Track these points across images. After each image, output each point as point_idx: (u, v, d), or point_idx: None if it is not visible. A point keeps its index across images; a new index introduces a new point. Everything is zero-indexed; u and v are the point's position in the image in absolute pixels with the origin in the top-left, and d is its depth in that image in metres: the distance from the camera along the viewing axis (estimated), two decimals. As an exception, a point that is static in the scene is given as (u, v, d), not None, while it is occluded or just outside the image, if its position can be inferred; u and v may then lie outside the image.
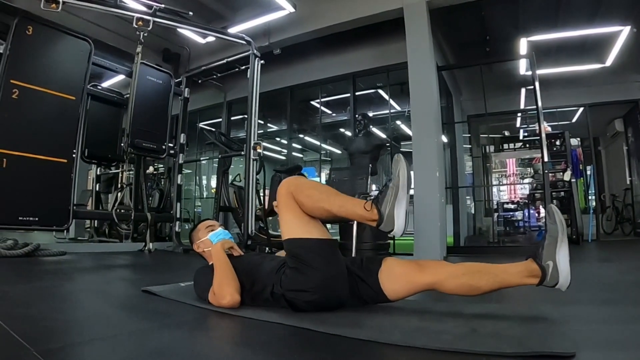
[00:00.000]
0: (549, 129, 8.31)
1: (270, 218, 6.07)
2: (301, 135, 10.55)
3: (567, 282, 1.48)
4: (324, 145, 10.75)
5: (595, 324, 1.58)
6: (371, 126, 5.95)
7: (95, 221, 7.37)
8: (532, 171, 9.18)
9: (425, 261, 1.74)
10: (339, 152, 12.07)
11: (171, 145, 6.00)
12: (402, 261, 1.78)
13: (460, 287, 1.61)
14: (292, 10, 6.06)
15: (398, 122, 9.39)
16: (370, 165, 4.92)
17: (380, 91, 8.35)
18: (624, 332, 1.43)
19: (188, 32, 6.87)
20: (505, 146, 9.36)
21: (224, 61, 6.08)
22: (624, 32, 6.51)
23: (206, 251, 2.14)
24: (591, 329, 1.49)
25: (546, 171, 5.59)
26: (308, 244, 1.69)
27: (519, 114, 9.62)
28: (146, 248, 5.43)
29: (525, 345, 1.23)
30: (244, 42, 5.50)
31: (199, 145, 10.15)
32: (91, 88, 5.50)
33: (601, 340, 1.35)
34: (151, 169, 8.05)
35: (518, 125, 10.15)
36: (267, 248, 5.13)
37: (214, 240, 2.12)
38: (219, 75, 6.63)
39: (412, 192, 5.36)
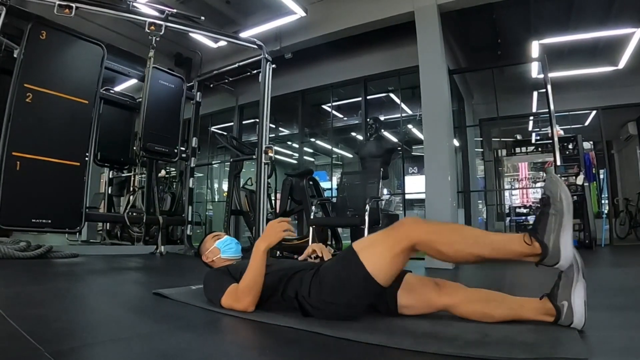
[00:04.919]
0: (562, 132, 8.22)
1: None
2: (312, 139, 10.57)
3: (581, 323, 1.46)
4: (335, 149, 10.74)
5: (608, 329, 1.55)
6: (382, 130, 5.94)
7: (108, 224, 7.44)
8: (544, 175, 9.07)
9: (443, 281, 1.72)
10: (350, 156, 12.02)
11: (183, 148, 6.02)
12: (421, 279, 1.78)
13: (474, 313, 1.61)
14: (304, 14, 6.07)
15: (409, 126, 9.36)
16: (382, 169, 4.91)
17: (392, 95, 8.33)
18: (637, 338, 1.41)
19: (200, 37, 6.91)
20: (517, 150, 9.26)
21: (236, 65, 6.11)
22: (637, 34, 6.44)
23: (215, 260, 2.20)
24: (604, 334, 1.47)
25: (558, 175, 5.52)
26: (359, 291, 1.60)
27: (531, 118, 9.55)
28: (158, 251, 5.46)
29: (537, 350, 1.21)
30: (255, 46, 5.52)
31: (211, 149, 10.20)
32: (104, 92, 5.56)
33: (614, 346, 1.34)
34: (163, 172, 8.12)
35: (530, 128, 10.07)
36: (277, 252, 5.13)
37: (221, 247, 2.20)
38: (230, 79, 6.66)
39: (423, 196, 5.38)
